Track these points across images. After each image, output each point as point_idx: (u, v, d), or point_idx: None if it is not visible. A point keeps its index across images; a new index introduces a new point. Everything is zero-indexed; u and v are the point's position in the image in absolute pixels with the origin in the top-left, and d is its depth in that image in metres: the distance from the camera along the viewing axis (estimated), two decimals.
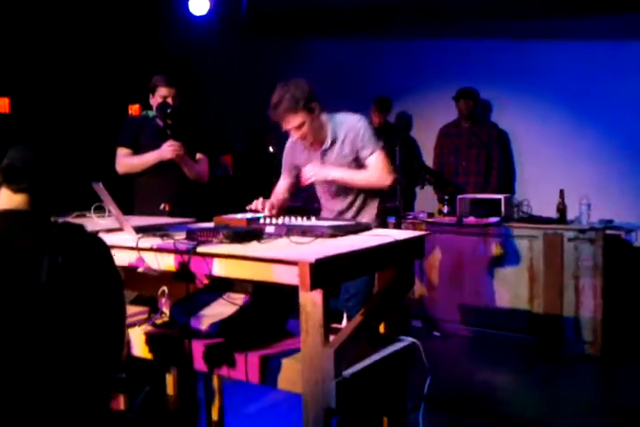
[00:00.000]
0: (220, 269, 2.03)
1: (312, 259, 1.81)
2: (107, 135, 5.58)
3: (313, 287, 1.84)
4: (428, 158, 5.62)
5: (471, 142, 5.03)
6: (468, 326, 4.40)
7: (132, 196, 3.55)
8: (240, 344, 2.19)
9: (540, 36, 5.08)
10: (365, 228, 2.43)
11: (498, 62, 5.24)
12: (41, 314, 1.44)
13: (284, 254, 1.91)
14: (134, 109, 6.44)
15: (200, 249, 2.02)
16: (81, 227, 1.60)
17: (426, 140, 5.67)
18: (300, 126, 2.69)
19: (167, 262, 2.13)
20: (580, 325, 4.01)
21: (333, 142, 2.78)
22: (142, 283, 2.52)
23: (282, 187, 2.99)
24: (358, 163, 2.78)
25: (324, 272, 1.87)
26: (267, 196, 4.84)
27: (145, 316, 2.55)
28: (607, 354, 3.94)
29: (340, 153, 2.78)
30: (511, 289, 4.24)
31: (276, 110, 2.67)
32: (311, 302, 1.89)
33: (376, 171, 2.74)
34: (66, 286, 1.46)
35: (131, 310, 2.65)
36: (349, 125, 2.77)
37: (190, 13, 5.69)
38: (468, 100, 5.01)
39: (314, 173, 2.71)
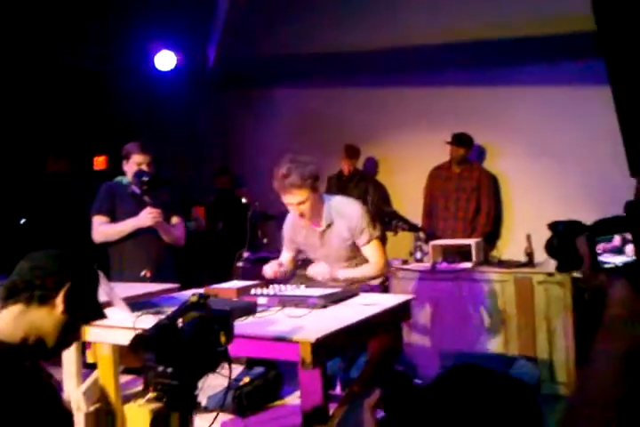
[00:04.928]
0: None
1: (312, 338, 1.88)
2: (72, 189, 5.60)
3: (314, 365, 1.90)
4: (396, 201, 5.77)
5: (460, 187, 5.09)
6: None
7: (107, 261, 3.52)
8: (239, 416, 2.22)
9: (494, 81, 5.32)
10: (353, 294, 2.51)
11: (462, 108, 5.44)
12: None
13: (284, 333, 1.97)
14: (100, 162, 6.46)
15: None
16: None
17: (394, 184, 5.85)
18: (300, 203, 2.79)
19: None
20: (553, 366, 4.13)
21: (329, 225, 2.90)
22: (134, 356, 2.53)
23: (286, 260, 3.12)
24: (354, 245, 2.91)
25: (323, 349, 1.94)
26: (239, 246, 4.83)
27: (139, 388, 2.55)
28: None
29: (338, 236, 2.90)
30: (486, 333, 4.35)
31: (282, 182, 2.75)
32: (311, 378, 1.95)
33: (372, 265, 2.90)
34: None
35: (123, 379, 2.68)
36: (346, 213, 2.89)
37: (156, 69, 5.81)
38: (460, 146, 5.00)
39: (327, 271, 2.85)
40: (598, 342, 1.12)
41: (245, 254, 4.79)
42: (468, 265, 4.39)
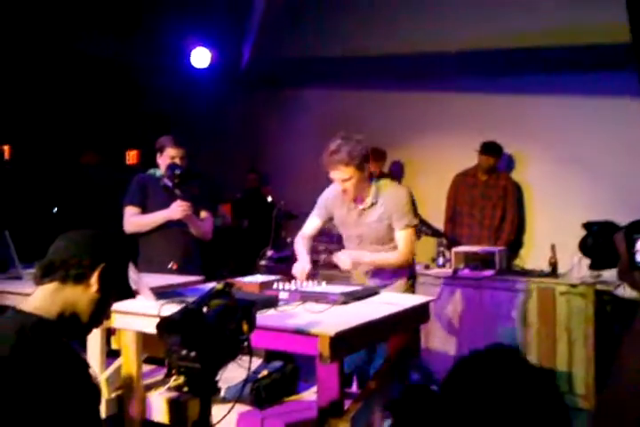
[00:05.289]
0: None
1: (332, 332, 1.91)
2: (100, 181, 5.72)
3: (332, 359, 1.93)
4: (418, 205, 5.77)
5: (486, 195, 5.08)
6: None
7: (136, 251, 3.59)
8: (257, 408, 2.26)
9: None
10: (374, 292, 2.54)
11: (488, 114, 5.44)
12: None
13: (304, 326, 2.00)
14: (132, 156, 6.58)
15: None
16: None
17: (417, 187, 5.86)
18: (346, 180, 2.80)
19: None
20: (572, 378, 4.10)
21: (373, 204, 2.90)
22: (157, 345, 2.59)
23: (312, 227, 3.09)
24: (391, 228, 2.91)
25: (342, 344, 1.97)
26: (263, 243, 4.93)
27: (161, 377, 2.61)
28: None
29: (378, 216, 2.90)
30: (505, 341, 4.33)
31: (330, 158, 2.78)
32: (328, 373, 1.98)
33: (400, 252, 2.88)
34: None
35: (145, 368, 2.73)
36: (392, 195, 2.89)
37: (191, 65, 5.91)
38: (490, 155, 4.96)
39: (349, 261, 2.80)
40: (626, 347, 1.11)
41: (269, 253, 4.84)
42: (490, 273, 4.38)
